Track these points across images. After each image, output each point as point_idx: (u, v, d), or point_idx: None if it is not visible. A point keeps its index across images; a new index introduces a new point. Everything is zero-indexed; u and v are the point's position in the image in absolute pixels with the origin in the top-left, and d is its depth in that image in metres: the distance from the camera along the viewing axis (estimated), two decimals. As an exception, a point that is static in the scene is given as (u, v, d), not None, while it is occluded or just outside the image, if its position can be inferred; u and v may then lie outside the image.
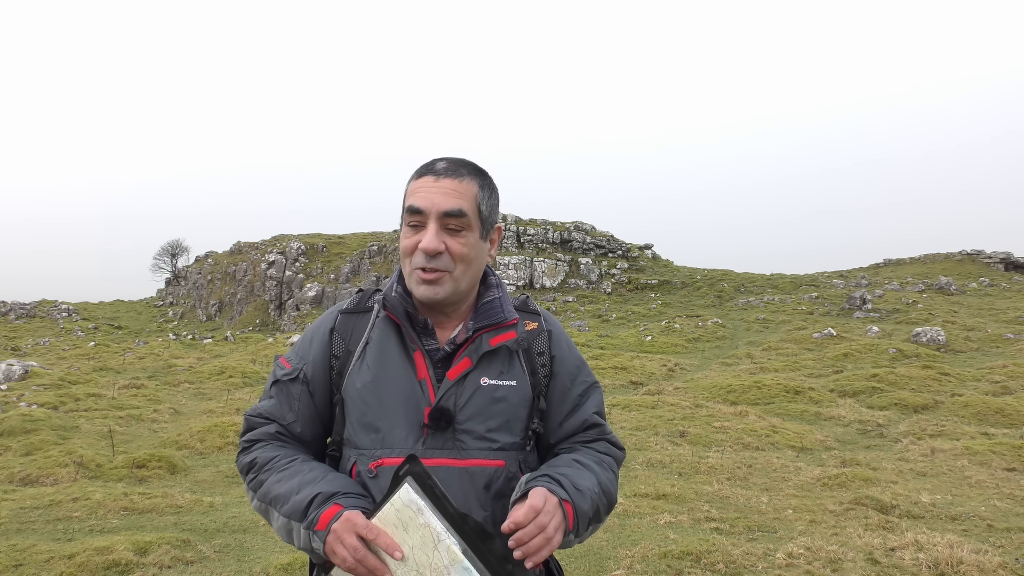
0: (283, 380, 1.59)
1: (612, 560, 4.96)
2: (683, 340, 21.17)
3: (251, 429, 1.61)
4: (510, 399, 1.54)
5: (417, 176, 1.55)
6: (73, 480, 7.27)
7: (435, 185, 1.51)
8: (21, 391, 12.65)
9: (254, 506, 1.54)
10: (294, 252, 44.90)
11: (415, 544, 1.28)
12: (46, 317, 41.80)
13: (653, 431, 9.63)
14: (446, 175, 1.52)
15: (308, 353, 1.60)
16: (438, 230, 1.50)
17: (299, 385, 1.58)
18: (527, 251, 38.31)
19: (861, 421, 10.45)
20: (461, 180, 1.53)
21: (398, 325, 1.56)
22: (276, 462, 1.52)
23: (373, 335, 1.57)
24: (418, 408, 1.49)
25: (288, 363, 1.61)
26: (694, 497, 6.55)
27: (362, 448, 1.51)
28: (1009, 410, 10.41)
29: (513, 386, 1.55)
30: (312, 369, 1.58)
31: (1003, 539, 5.38)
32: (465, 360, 1.53)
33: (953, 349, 17.24)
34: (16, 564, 4.79)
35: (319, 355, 1.59)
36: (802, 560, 4.86)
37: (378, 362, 1.53)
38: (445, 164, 1.55)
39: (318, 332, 1.62)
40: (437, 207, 1.50)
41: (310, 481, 1.45)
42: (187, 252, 57.39)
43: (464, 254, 1.52)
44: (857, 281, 32.19)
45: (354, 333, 1.58)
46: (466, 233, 1.52)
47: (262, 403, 1.62)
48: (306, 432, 1.60)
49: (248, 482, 1.55)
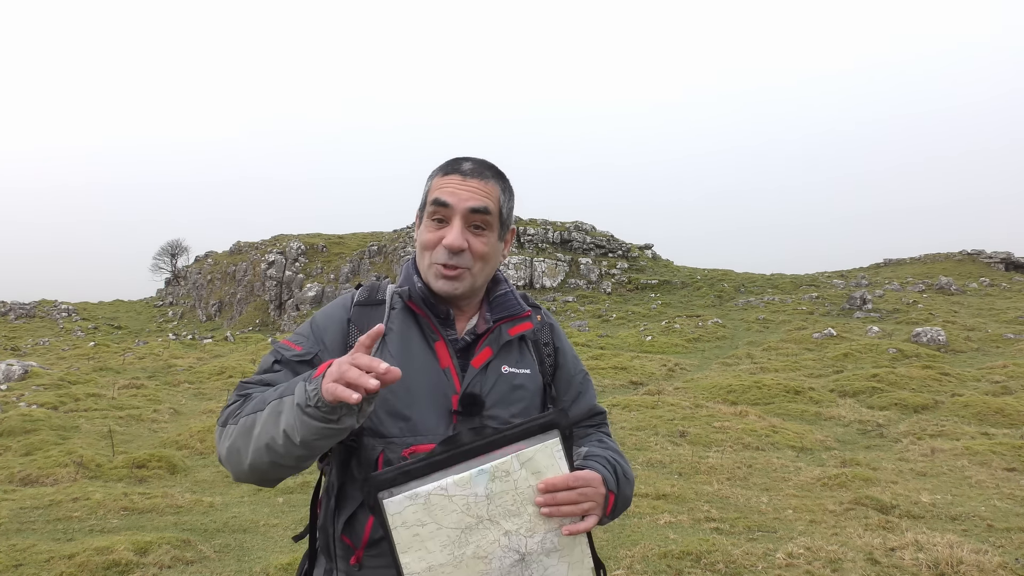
0: (291, 360, 1.52)
1: (612, 560, 4.96)
2: (683, 340, 21.17)
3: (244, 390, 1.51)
4: (527, 387, 1.61)
5: (443, 173, 1.58)
6: (73, 480, 7.27)
7: (463, 184, 1.55)
8: (21, 391, 12.65)
9: (231, 440, 1.41)
10: (294, 252, 44.90)
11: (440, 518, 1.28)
12: (46, 317, 41.81)
13: (653, 431, 9.63)
14: (473, 176, 1.56)
15: (323, 339, 1.56)
16: (463, 228, 1.53)
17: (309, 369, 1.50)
18: (527, 251, 38.31)
19: (861, 421, 10.45)
20: (487, 182, 1.57)
21: (418, 316, 1.58)
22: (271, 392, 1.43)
23: (393, 325, 1.57)
24: (445, 396, 1.52)
25: (297, 345, 1.55)
26: (694, 497, 6.55)
27: (390, 436, 1.49)
28: (1009, 410, 10.41)
29: (528, 374, 1.62)
30: (327, 356, 1.52)
31: (1003, 539, 5.38)
32: (487, 349, 1.58)
33: (953, 349, 17.24)
34: (16, 564, 4.79)
35: (337, 343, 1.55)
36: (802, 560, 4.86)
37: (402, 351, 1.53)
38: (472, 165, 1.59)
39: (333, 320, 1.59)
40: (465, 204, 1.53)
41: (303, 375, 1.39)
42: (187, 252, 57.44)
43: (485, 253, 1.57)
44: (857, 281, 32.19)
45: (370, 324, 1.56)
46: (487, 233, 1.57)
47: (261, 375, 1.53)
48: None
49: (232, 419, 1.44)
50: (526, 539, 1.30)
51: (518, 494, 1.30)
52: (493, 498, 1.29)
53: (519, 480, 1.30)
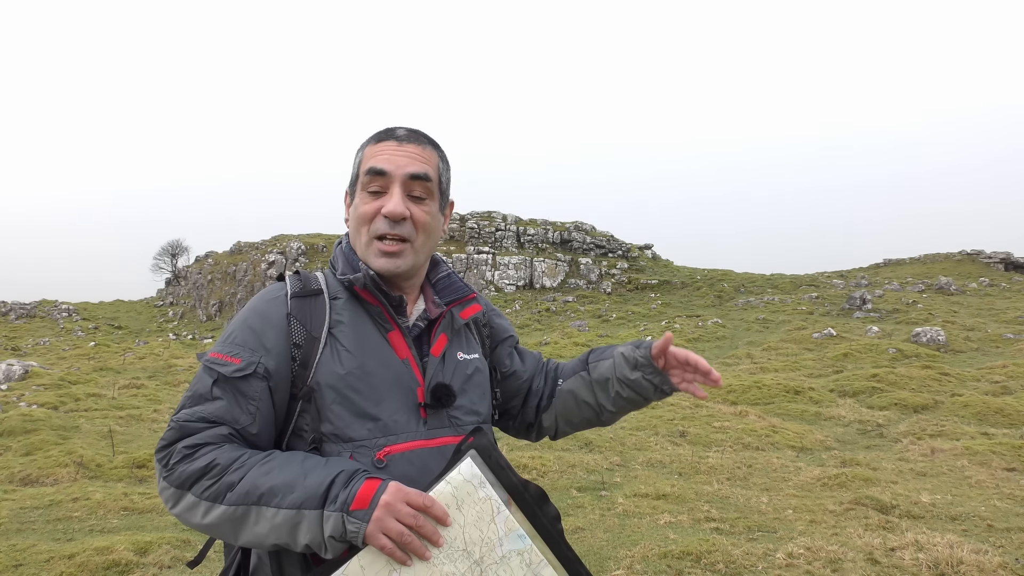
0: (232, 378, 1.33)
1: (612, 560, 4.96)
2: (683, 340, 21.17)
3: (188, 435, 1.31)
4: (481, 371, 1.56)
5: (376, 140, 1.49)
6: (73, 480, 7.27)
7: (399, 149, 1.46)
8: (21, 391, 12.65)
9: (211, 520, 1.26)
10: (294, 252, 44.90)
11: (468, 521, 1.23)
12: (46, 317, 41.79)
13: (653, 431, 9.63)
14: (409, 141, 1.47)
15: (262, 343, 1.37)
16: (403, 195, 1.44)
17: (256, 382, 1.34)
18: (527, 251, 38.31)
19: (861, 421, 10.45)
20: (424, 148, 1.49)
21: (366, 304, 1.45)
22: (248, 459, 1.28)
23: (341, 317, 1.42)
24: (410, 389, 1.42)
25: (234, 358, 1.35)
26: (694, 497, 6.55)
27: (359, 440, 1.36)
28: (1009, 410, 10.41)
29: (478, 358, 1.57)
30: (273, 361, 1.36)
31: (1003, 539, 5.38)
32: (443, 336, 1.50)
33: (953, 349, 17.24)
34: (16, 564, 4.79)
35: (279, 344, 1.38)
36: (802, 560, 4.86)
37: (357, 345, 1.40)
38: (406, 131, 1.50)
39: (270, 319, 1.40)
40: (403, 170, 1.44)
41: (317, 465, 1.27)
42: (187, 252, 57.41)
43: (427, 223, 1.47)
44: (857, 281, 32.19)
45: (313, 317, 1.42)
46: (429, 202, 1.48)
47: (202, 406, 1.33)
48: (263, 437, 1.36)
49: (203, 490, 1.26)
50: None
51: None
52: (502, 563, 1.24)
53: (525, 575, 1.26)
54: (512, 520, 1.24)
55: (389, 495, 1.20)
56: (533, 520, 1.28)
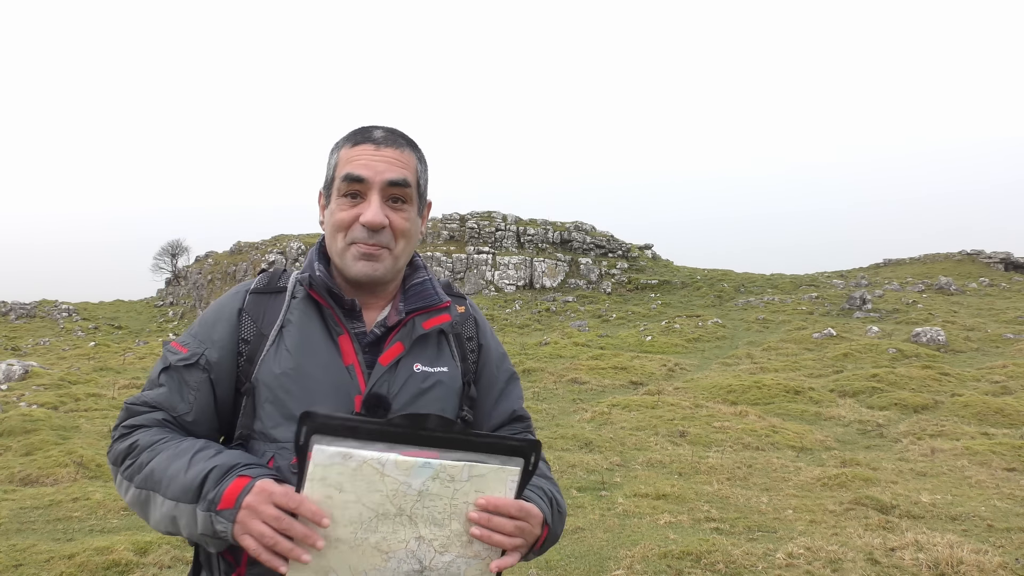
0: (177, 366, 1.38)
1: (612, 560, 4.96)
2: (683, 340, 21.17)
3: (131, 416, 1.39)
4: (444, 385, 1.45)
5: (352, 143, 1.43)
6: (73, 480, 7.27)
7: (377, 153, 1.40)
8: (21, 391, 12.65)
9: (128, 499, 1.32)
10: (294, 252, 44.90)
11: (361, 492, 1.14)
12: (46, 317, 41.79)
13: (653, 431, 9.63)
14: (386, 144, 1.42)
15: (210, 336, 1.41)
16: (381, 203, 1.40)
17: (197, 372, 1.38)
18: (527, 251, 38.32)
19: (861, 421, 10.45)
20: (402, 151, 1.43)
21: (320, 307, 1.43)
22: (162, 444, 1.31)
23: (292, 317, 1.41)
24: (348, 396, 1.36)
25: (183, 347, 1.40)
26: (694, 497, 6.55)
27: (283, 441, 1.33)
28: (1009, 410, 10.41)
29: (445, 372, 1.46)
30: (216, 353, 1.39)
31: (1003, 539, 5.38)
32: (397, 345, 1.42)
33: (953, 349, 17.24)
34: (16, 564, 4.80)
35: (225, 338, 1.40)
36: (802, 560, 4.86)
37: (299, 346, 1.38)
38: (383, 132, 1.44)
39: (223, 313, 1.43)
40: (382, 176, 1.39)
41: (205, 457, 1.26)
42: (187, 252, 57.39)
43: (406, 229, 1.43)
44: (857, 281, 32.19)
45: (267, 315, 1.42)
46: (407, 207, 1.44)
47: (150, 391, 1.40)
48: (199, 425, 1.39)
49: (124, 470, 1.32)
50: (436, 554, 1.18)
51: (451, 505, 1.17)
52: (424, 497, 1.16)
53: (459, 491, 1.17)
54: (405, 459, 1.15)
55: (253, 495, 1.15)
56: (419, 441, 1.17)
